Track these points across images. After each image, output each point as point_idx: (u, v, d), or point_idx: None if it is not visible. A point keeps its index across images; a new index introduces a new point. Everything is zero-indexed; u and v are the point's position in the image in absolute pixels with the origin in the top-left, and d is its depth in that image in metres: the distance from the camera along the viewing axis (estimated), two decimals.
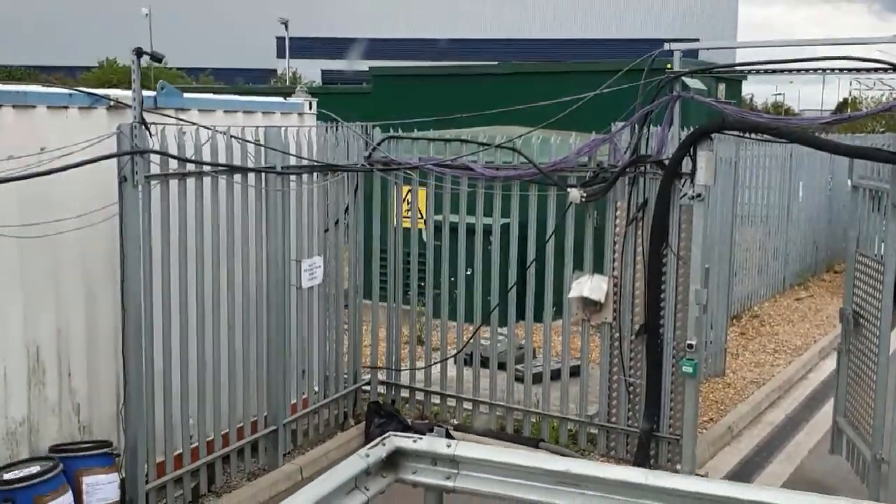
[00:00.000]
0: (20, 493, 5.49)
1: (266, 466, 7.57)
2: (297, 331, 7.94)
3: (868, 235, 7.43)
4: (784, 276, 15.72)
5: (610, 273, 7.65)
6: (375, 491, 5.96)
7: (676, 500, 5.57)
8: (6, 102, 5.75)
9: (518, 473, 5.93)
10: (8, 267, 5.79)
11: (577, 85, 8.03)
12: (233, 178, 6.97)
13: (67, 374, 6.26)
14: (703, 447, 8.16)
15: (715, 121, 7.00)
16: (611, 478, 5.72)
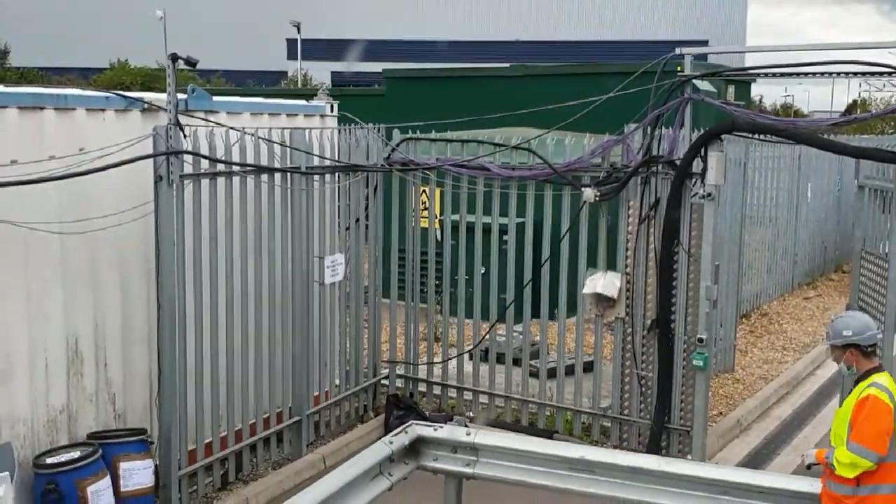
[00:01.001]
0: (62, 476, 5.77)
1: (290, 456, 7.84)
2: (319, 325, 8.21)
3: (874, 234, 7.66)
4: (793, 275, 15.93)
5: (623, 270, 7.89)
6: (399, 477, 6.26)
7: (688, 486, 5.85)
8: (48, 105, 6.04)
9: (535, 460, 6.22)
10: (50, 262, 6.08)
11: (589, 87, 8.28)
12: (260, 178, 7.25)
13: (104, 364, 6.55)
14: (713, 439, 8.40)
15: (725, 123, 7.25)
16: (624, 464, 6.01)
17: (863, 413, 4.91)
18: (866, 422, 4.88)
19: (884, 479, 4.97)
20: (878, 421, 4.90)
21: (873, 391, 4.95)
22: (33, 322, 6.02)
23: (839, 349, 5.17)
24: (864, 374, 5.11)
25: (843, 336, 5.14)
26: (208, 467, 7.01)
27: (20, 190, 5.60)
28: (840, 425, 5.11)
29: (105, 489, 5.92)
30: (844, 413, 5.11)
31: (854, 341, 5.11)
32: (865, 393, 4.97)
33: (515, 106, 9.00)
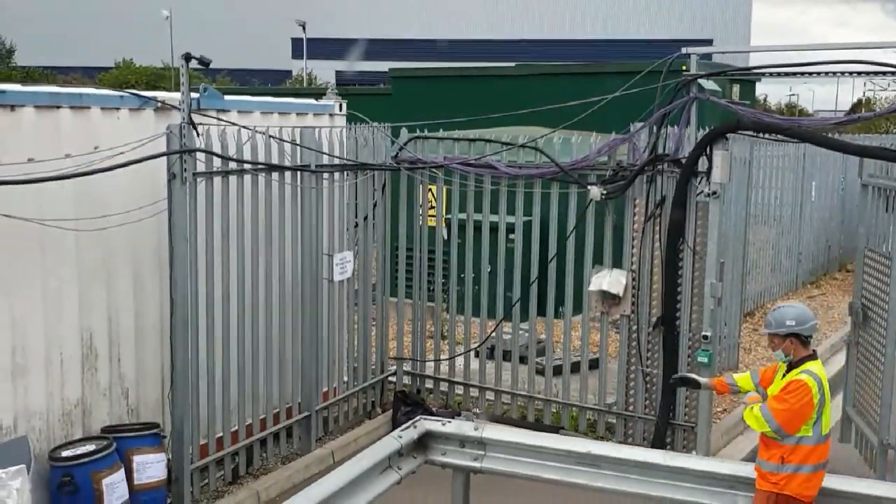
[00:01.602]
0: (77, 469, 5.88)
1: (299, 450, 7.94)
2: (328, 323, 8.31)
3: (877, 232, 7.73)
4: (797, 274, 16.00)
5: (628, 267, 7.98)
6: (407, 470, 6.36)
7: (693, 480, 5.94)
8: (64, 104, 6.14)
9: (542, 455, 6.32)
10: (65, 259, 6.19)
11: (594, 86, 8.37)
12: (271, 176, 7.34)
13: (117, 360, 6.65)
14: (717, 436, 8.48)
15: (730, 122, 7.34)
16: (630, 458, 6.10)
17: (787, 389, 5.22)
18: (787, 398, 5.21)
19: (806, 460, 5.32)
20: (797, 402, 5.20)
21: (805, 377, 5.24)
22: (49, 318, 6.12)
23: (780, 338, 5.38)
24: (799, 361, 5.36)
25: (787, 326, 5.36)
26: (219, 461, 7.11)
27: (36, 188, 5.70)
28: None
29: (119, 482, 6.03)
30: (774, 390, 5.38)
31: (796, 331, 5.36)
32: (798, 376, 5.25)
33: (521, 105, 9.09)
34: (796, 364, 5.35)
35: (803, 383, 5.20)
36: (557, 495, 6.55)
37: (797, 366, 5.34)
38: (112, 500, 5.94)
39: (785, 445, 5.30)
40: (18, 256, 5.89)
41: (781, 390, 5.29)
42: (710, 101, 7.60)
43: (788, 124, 7.35)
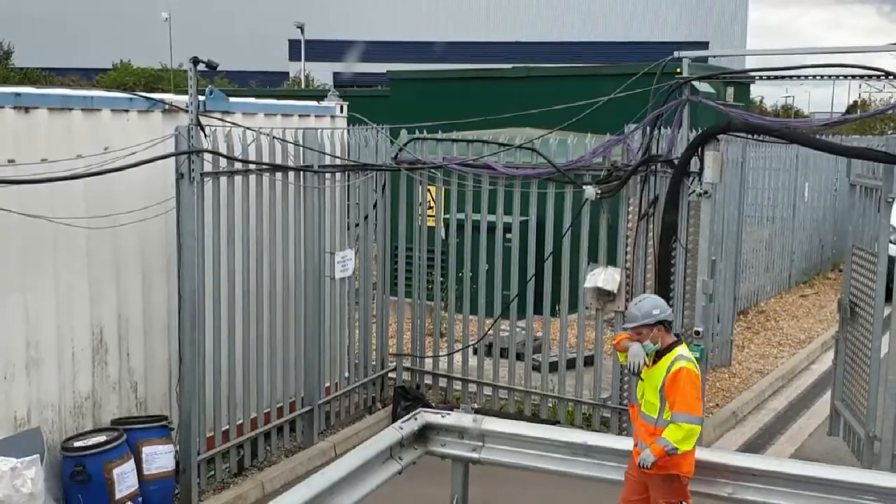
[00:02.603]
0: (89, 459, 6.09)
1: (302, 444, 8.14)
2: (329, 319, 8.51)
3: (864, 230, 7.93)
4: (790, 273, 16.23)
5: (623, 265, 8.19)
6: (408, 461, 6.57)
7: None
8: (76, 106, 6.35)
9: (540, 446, 6.53)
10: (77, 256, 6.39)
11: (591, 88, 8.58)
12: (275, 176, 7.55)
13: (126, 354, 6.86)
14: (710, 429, 8.70)
15: (721, 123, 7.55)
16: (625, 448, 6.30)
17: (679, 386, 5.45)
18: (685, 393, 5.45)
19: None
20: (694, 388, 5.53)
21: (684, 363, 5.51)
22: (61, 313, 6.33)
23: (648, 327, 5.61)
24: (667, 348, 5.63)
25: (654, 315, 5.63)
26: (225, 453, 7.31)
27: (49, 187, 5.90)
28: (652, 392, 5.62)
29: (130, 471, 6.24)
30: (656, 382, 5.60)
31: (662, 318, 5.65)
32: (677, 366, 5.50)
33: (518, 107, 9.29)
34: (666, 350, 5.64)
35: (685, 370, 5.50)
36: (554, 485, 6.74)
37: (667, 351, 5.63)
38: (122, 490, 6.15)
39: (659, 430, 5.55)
40: (32, 253, 6.10)
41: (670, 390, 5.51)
42: (702, 103, 7.81)
43: (777, 126, 7.57)
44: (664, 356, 5.62)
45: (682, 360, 5.56)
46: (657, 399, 5.59)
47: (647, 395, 5.68)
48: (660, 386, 5.56)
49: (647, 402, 5.67)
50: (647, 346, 5.67)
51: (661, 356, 5.64)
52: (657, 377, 5.60)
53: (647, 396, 5.69)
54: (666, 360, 5.60)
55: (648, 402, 5.66)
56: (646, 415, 5.68)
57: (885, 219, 7.16)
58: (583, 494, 6.90)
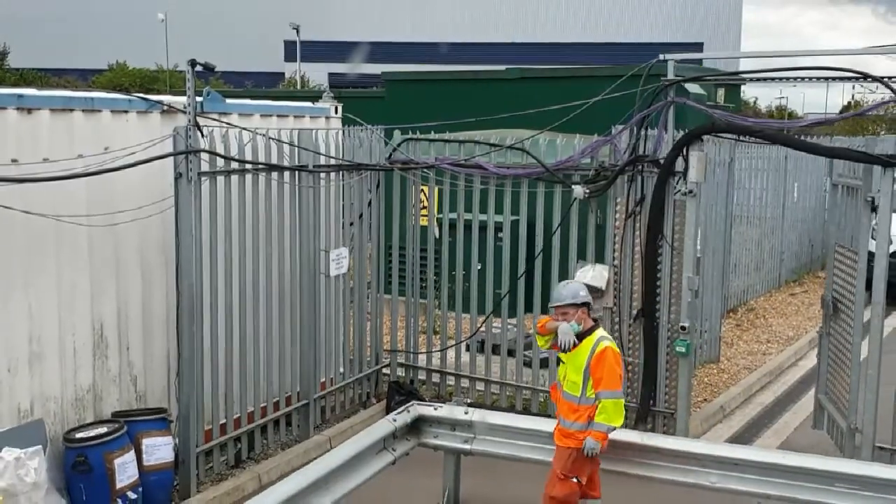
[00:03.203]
0: (91, 450, 6.26)
1: (298, 437, 8.33)
2: (325, 316, 8.69)
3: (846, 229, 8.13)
4: (780, 272, 16.45)
5: (611, 262, 8.39)
6: (401, 452, 6.78)
7: (666, 459, 6.36)
8: (77, 107, 6.53)
9: (528, 437, 6.74)
10: (78, 253, 6.57)
11: (581, 89, 8.76)
12: (270, 176, 7.73)
13: (126, 348, 7.04)
14: (697, 423, 8.90)
15: (705, 124, 7.75)
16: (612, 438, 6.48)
17: (605, 364, 5.88)
18: (611, 371, 5.89)
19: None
20: (619, 366, 6.03)
21: (607, 344, 5.95)
22: (63, 308, 6.51)
23: (574, 307, 6.02)
24: (588, 330, 6.04)
25: (581, 296, 6.08)
26: (223, 446, 7.49)
27: (51, 185, 6.08)
28: (575, 372, 6.01)
29: (130, 462, 6.41)
30: (579, 362, 5.99)
31: (587, 300, 6.09)
32: (602, 346, 5.93)
33: (512, 108, 9.48)
34: (587, 333, 6.04)
35: (609, 350, 5.97)
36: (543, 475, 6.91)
37: (588, 334, 6.03)
38: (123, 480, 6.32)
39: (592, 406, 5.96)
40: (35, 251, 6.27)
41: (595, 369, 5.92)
42: (687, 104, 8.01)
43: (759, 127, 7.76)
44: (586, 338, 6.02)
45: (606, 341, 5.99)
46: (580, 378, 5.97)
47: (570, 376, 6.05)
48: (584, 366, 5.94)
49: (570, 381, 6.04)
50: (572, 325, 6.01)
51: (582, 338, 6.03)
52: (581, 357, 5.98)
53: (569, 377, 6.06)
54: (589, 341, 6.00)
55: (571, 381, 6.03)
56: (569, 394, 6.07)
57: (865, 217, 7.36)
58: None
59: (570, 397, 6.08)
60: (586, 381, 5.96)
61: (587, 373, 5.96)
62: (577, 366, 6.02)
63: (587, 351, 5.97)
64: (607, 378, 5.93)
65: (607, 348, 5.98)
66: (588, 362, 5.95)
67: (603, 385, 5.93)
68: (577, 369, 6.02)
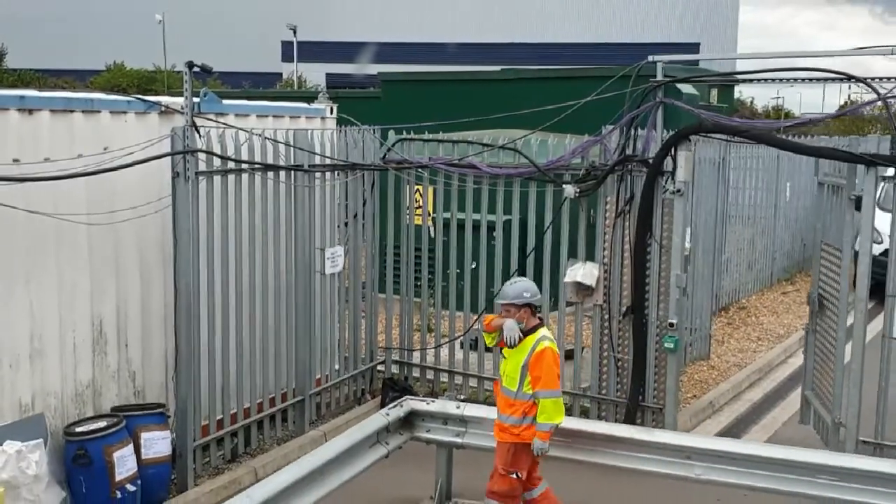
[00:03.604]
0: (91, 443, 6.40)
1: (294, 432, 8.47)
2: (320, 313, 8.83)
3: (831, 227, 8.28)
4: (772, 271, 16.61)
5: (601, 260, 8.54)
6: (395, 445, 6.93)
7: (654, 451, 6.51)
8: (77, 108, 6.67)
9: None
10: (79, 251, 6.72)
11: (575, 90, 8.91)
12: (266, 175, 7.87)
13: (125, 345, 7.18)
14: (686, 418, 9.05)
15: (693, 124, 7.90)
16: (599, 432, 6.68)
17: (543, 364, 6.04)
18: (549, 371, 6.04)
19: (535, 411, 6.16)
20: (557, 366, 6.17)
21: (548, 344, 6.09)
22: (63, 306, 6.65)
23: (516, 307, 6.16)
24: (531, 329, 6.19)
25: (524, 297, 6.20)
26: (219, 441, 7.63)
27: (52, 185, 6.22)
28: (514, 368, 6.17)
29: (129, 455, 6.55)
30: (519, 359, 6.14)
31: (531, 301, 6.22)
32: (542, 346, 6.08)
33: (507, 108, 9.62)
34: (530, 331, 6.19)
35: (549, 350, 6.13)
36: None
37: (531, 332, 6.18)
38: (122, 472, 6.46)
39: (527, 402, 6.13)
40: (36, 249, 6.41)
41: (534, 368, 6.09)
42: (675, 105, 8.16)
43: (745, 127, 7.92)
44: (528, 336, 6.18)
45: (546, 341, 6.14)
46: (518, 374, 6.14)
47: (509, 371, 6.22)
48: (523, 363, 6.10)
49: (509, 377, 6.20)
50: (514, 322, 6.17)
51: (525, 336, 6.19)
52: (521, 354, 6.14)
53: (508, 372, 6.22)
54: (530, 339, 6.16)
55: (510, 377, 6.19)
56: (506, 388, 6.23)
57: (849, 215, 7.52)
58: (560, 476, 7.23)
59: (507, 392, 6.23)
60: (523, 377, 6.12)
61: (525, 370, 6.12)
62: (516, 362, 6.18)
63: (527, 349, 6.13)
64: (546, 377, 6.07)
65: (547, 348, 6.12)
66: (527, 360, 6.11)
67: (541, 384, 6.08)
68: (516, 365, 6.17)
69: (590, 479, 7.01)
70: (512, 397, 6.20)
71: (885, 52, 7.18)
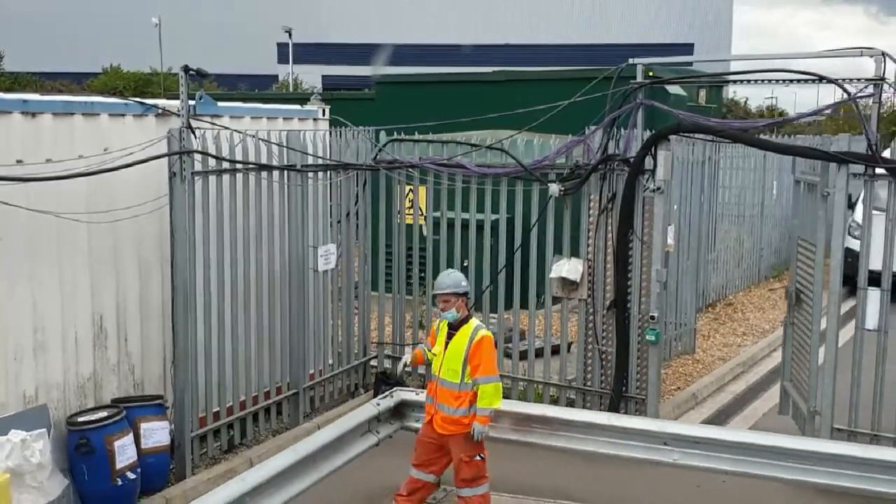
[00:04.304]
0: (93, 433, 6.66)
1: (288, 424, 8.74)
2: (313, 310, 9.10)
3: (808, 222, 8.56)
4: (759, 268, 16.90)
5: (585, 256, 8.82)
6: (385, 434, 7.21)
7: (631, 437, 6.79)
8: (77, 111, 6.94)
9: (502, 419, 7.14)
10: (79, 248, 6.98)
11: (561, 91, 9.18)
12: (260, 175, 8.14)
13: (124, 339, 7.44)
14: (670, 409, 9.33)
15: (672, 125, 8.19)
16: (579, 420, 6.96)
17: (482, 352, 6.27)
18: (488, 358, 6.30)
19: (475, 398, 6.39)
20: (494, 353, 6.44)
21: (484, 333, 6.33)
22: (65, 301, 6.91)
23: (456, 296, 6.39)
24: (464, 319, 6.41)
25: (462, 286, 6.46)
26: (216, 432, 7.90)
27: (54, 185, 6.48)
28: (454, 360, 6.35)
29: (129, 444, 6.82)
30: (459, 350, 6.34)
31: (467, 290, 6.53)
32: (479, 335, 6.30)
33: (497, 109, 9.89)
34: (463, 321, 6.40)
35: (486, 338, 6.35)
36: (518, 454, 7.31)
37: (464, 323, 6.39)
38: (123, 461, 6.73)
39: (470, 392, 6.34)
40: (38, 247, 6.68)
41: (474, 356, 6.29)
42: (654, 106, 8.44)
43: (721, 127, 8.20)
44: (462, 326, 6.38)
45: (482, 330, 6.39)
46: (459, 366, 6.33)
47: (449, 364, 6.38)
48: (464, 353, 6.29)
49: (449, 370, 6.37)
50: (450, 314, 6.39)
51: (459, 327, 6.40)
52: (460, 346, 6.33)
53: (447, 365, 6.39)
54: (466, 329, 6.35)
55: (450, 369, 6.37)
56: (448, 381, 6.39)
57: (823, 211, 7.80)
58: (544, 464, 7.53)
59: (450, 385, 6.35)
60: (465, 367, 6.29)
61: (466, 359, 6.29)
62: (456, 353, 6.33)
63: (466, 339, 6.30)
64: (485, 364, 6.29)
65: (484, 336, 6.32)
66: (467, 350, 6.29)
67: (481, 371, 6.28)
68: (456, 357, 6.33)
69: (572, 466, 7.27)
70: (456, 389, 6.34)
71: (854, 54, 7.46)
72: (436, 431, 6.46)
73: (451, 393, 6.38)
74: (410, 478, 6.63)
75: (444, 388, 6.40)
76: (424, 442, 6.57)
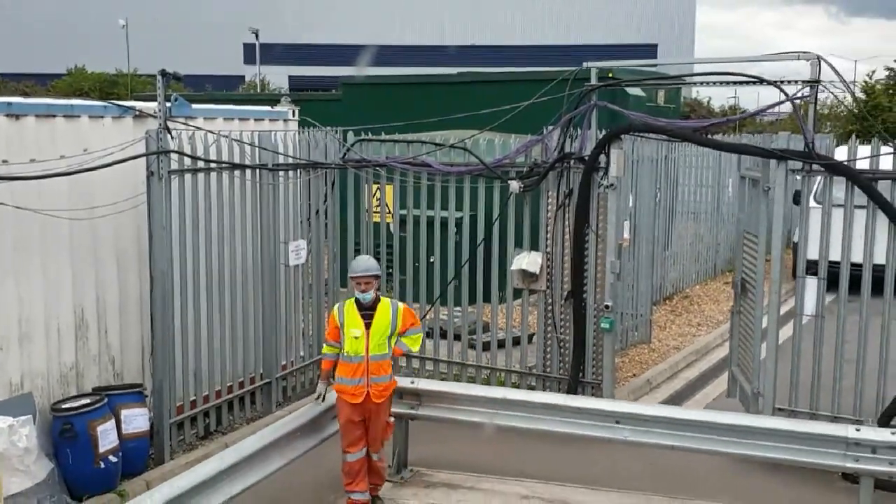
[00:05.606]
0: (76, 418, 7.01)
1: (261, 413, 9.12)
2: (285, 303, 9.49)
3: (751, 216, 9.09)
4: (715, 262, 17.51)
5: (543, 249, 9.29)
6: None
7: (586, 417, 7.27)
8: (59, 113, 7.29)
9: (466, 402, 7.63)
10: (62, 244, 7.33)
11: (523, 92, 9.63)
12: (233, 174, 8.52)
13: (105, 331, 7.80)
14: (625, 394, 9.83)
15: (623, 124, 8.69)
16: (537, 401, 7.45)
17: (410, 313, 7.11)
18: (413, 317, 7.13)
19: None
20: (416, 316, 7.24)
21: (401, 304, 7.18)
22: (48, 294, 7.26)
23: (376, 278, 6.94)
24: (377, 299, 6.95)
25: (378, 269, 6.99)
26: (193, 419, 8.27)
27: (36, 183, 6.83)
28: (381, 334, 6.87)
29: (111, 430, 7.17)
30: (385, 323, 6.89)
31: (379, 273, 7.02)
32: (399, 306, 7.06)
33: (462, 109, 10.30)
34: (376, 301, 6.93)
35: (405, 306, 7.16)
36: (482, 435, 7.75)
37: (377, 302, 6.93)
38: (105, 445, 7.08)
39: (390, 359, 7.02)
40: (23, 243, 7.02)
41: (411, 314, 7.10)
42: (607, 107, 8.93)
43: (670, 126, 8.71)
44: (378, 305, 6.92)
45: (397, 301, 7.23)
46: (386, 338, 6.89)
47: (376, 340, 6.86)
48: (390, 323, 6.89)
49: (378, 344, 6.86)
50: (369, 294, 6.87)
51: (375, 305, 6.91)
52: (385, 319, 6.89)
53: (375, 341, 6.85)
54: (384, 306, 6.94)
55: (379, 344, 6.87)
56: (379, 355, 6.88)
57: (764, 205, 8.33)
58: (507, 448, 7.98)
59: (381, 357, 6.87)
60: (392, 336, 6.92)
61: (394, 328, 6.90)
62: (382, 328, 6.86)
63: (388, 313, 6.89)
64: (414, 321, 7.08)
65: (401, 304, 7.12)
66: (394, 320, 6.90)
67: (412, 325, 7.03)
68: (383, 331, 6.86)
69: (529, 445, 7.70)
70: (388, 358, 6.96)
71: (791, 57, 8.00)
72: (365, 407, 6.88)
73: (382, 364, 6.90)
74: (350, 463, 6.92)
75: (376, 362, 6.86)
76: (354, 422, 6.93)
